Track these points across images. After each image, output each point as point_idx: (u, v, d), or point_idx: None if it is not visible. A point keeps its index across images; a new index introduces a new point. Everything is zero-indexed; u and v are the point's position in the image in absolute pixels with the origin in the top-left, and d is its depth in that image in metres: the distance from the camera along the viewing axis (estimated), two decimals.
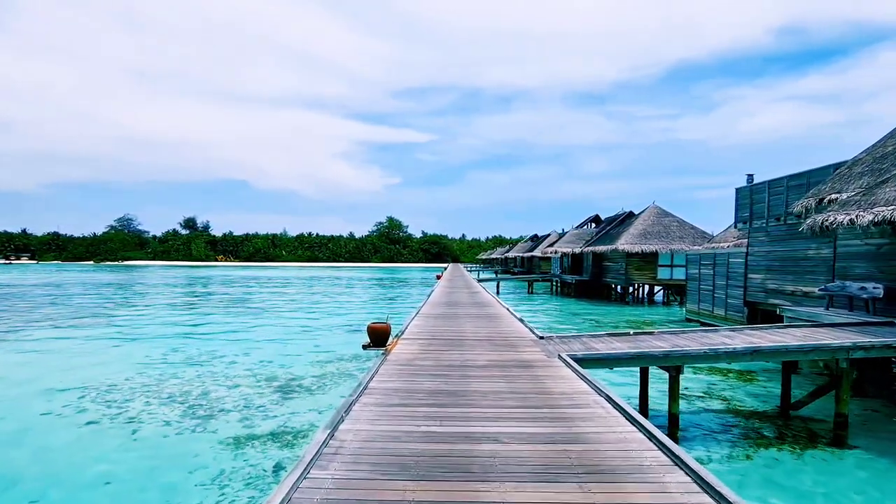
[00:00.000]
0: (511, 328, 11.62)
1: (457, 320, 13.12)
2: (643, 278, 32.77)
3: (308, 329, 21.02)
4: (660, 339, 9.52)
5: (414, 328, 11.46)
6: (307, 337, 18.83)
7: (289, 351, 15.81)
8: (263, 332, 20.33)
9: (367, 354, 12.99)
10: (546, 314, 28.09)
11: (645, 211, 35.13)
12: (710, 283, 21.57)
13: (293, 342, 17.55)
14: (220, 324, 22.61)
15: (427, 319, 13.21)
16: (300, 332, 20.06)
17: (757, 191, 18.41)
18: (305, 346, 16.85)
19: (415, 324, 12.25)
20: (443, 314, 14.59)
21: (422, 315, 14.21)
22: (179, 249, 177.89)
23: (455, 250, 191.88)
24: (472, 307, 17.05)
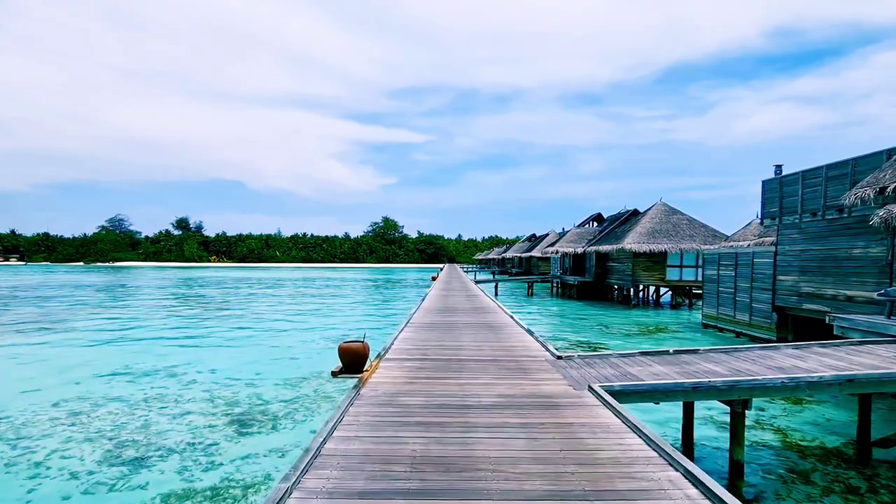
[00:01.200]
0: (519, 343, 9.64)
1: (453, 332, 11.13)
2: (651, 280, 30.88)
3: (288, 338, 19.00)
4: (710, 360, 7.56)
5: (402, 343, 9.46)
6: (285, 348, 16.80)
7: (261, 366, 13.78)
8: (237, 341, 18.29)
9: (339, 386, 11.00)
10: (550, 318, 26.14)
11: (651, 208, 33.25)
12: (731, 285, 19.66)
13: (268, 355, 15.53)
14: (190, 332, 20.54)
15: (418, 331, 11.21)
16: (278, 343, 18.03)
17: (788, 182, 16.51)
18: (281, 359, 14.83)
19: (403, 337, 10.26)
20: (437, 323, 12.60)
21: (413, 325, 12.22)
22: (171, 250, 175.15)
23: (451, 251, 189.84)
24: (471, 314, 15.07)
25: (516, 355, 8.38)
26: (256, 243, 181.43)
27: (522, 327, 11.71)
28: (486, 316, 14.52)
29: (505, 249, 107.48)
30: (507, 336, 10.50)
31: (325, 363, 13.46)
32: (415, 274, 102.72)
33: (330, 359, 13.52)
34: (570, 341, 18.03)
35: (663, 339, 19.07)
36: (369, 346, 7.06)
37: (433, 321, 13.13)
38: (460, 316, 14.56)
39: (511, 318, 13.65)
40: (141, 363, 14.02)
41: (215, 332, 20.56)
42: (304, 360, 14.61)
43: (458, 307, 17.35)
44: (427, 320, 13.33)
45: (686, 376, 6.48)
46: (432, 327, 11.92)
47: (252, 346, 17.19)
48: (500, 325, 12.45)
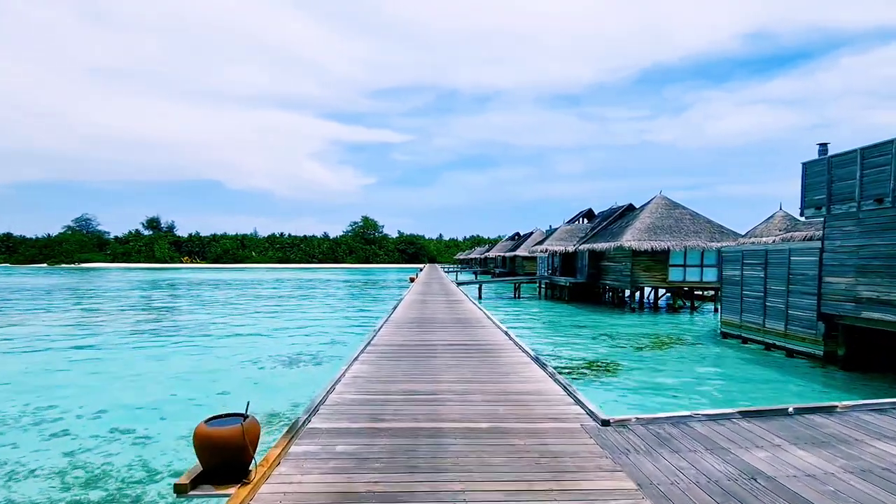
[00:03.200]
0: (532, 387, 6.32)
1: (429, 364, 7.77)
2: (652, 281, 27.95)
3: (214, 361, 15.42)
4: (872, 430, 4.33)
5: (345, 392, 6.07)
6: (199, 381, 13.21)
7: (167, 409, 10.19)
8: (156, 366, 14.66)
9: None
10: (542, 326, 22.96)
11: (650, 202, 30.33)
12: (760, 288, 16.69)
13: (183, 392, 11.93)
14: (102, 353, 16.79)
15: (378, 362, 7.82)
16: (209, 367, 14.46)
17: (840, 163, 13.53)
18: (202, 397, 11.27)
19: (352, 377, 6.86)
20: (408, 348, 9.23)
21: (373, 350, 8.83)
22: (141, 251, 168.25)
23: (432, 250, 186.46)
24: (454, 329, 11.73)
25: (533, 416, 5.06)
26: (231, 243, 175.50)
27: (527, 354, 8.41)
28: (475, 333, 11.19)
29: (487, 249, 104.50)
30: (509, 372, 7.17)
31: (258, 402, 9.94)
32: (394, 274, 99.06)
33: (264, 398, 9.75)
34: (576, 360, 14.83)
35: (686, 355, 16.00)
36: (259, 427, 3.67)
37: (403, 342, 9.75)
38: (440, 332, 11.21)
39: (507, 337, 10.35)
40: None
41: (135, 353, 16.86)
42: (229, 398, 11.07)
43: (436, 318, 14.00)
44: (395, 340, 9.95)
45: (866, 478, 3.22)
46: (400, 354, 8.54)
47: (171, 377, 13.57)
48: (494, 348, 9.13)
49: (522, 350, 8.69)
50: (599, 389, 11.07)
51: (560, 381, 6.31)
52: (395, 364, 7.65)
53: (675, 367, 14.14)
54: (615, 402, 10.00)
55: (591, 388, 11.17)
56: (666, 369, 13.64)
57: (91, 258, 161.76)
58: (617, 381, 11.80)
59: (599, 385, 11.51)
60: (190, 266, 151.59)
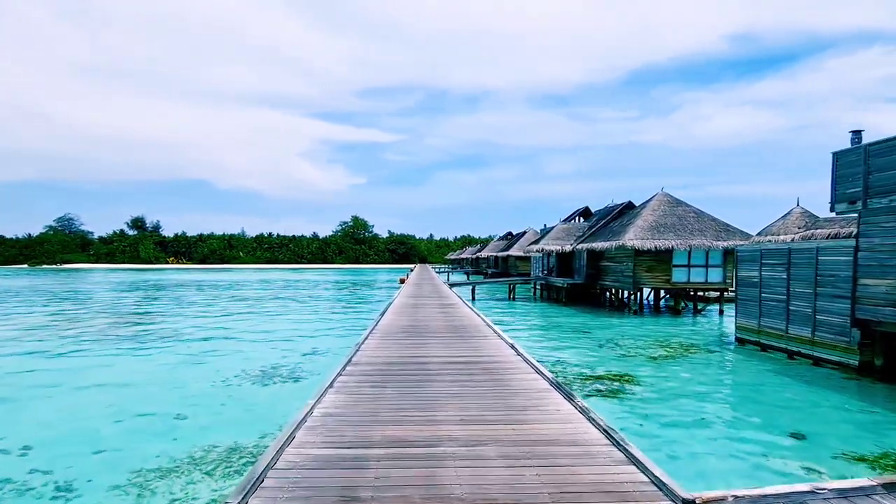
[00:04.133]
0: (557, 428, 4.77)
1: (423, 389, 6.20)
2: (655, 282, 26.57)
3: (184, 376, 13.75)
4: None
5: (314, 435, 4.48)
6: (169, 399, 11.53)
7: (104, 442, 8.51)
8: (104, 379, 12.93)
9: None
10: (543, 331, 21.47)
11: (652, 200, 28.97)
12: (782, 290, 15.30)
13: (126, 417, 10.24)
14: (46, 363, 15.02)
15: (360, 388, 6.23)
16: (168, 383, 12.77)
17: (880, 152, 12.14)
18: (149, 426, 9.59)
19: (327, 408, 5.27)
20: (396, 365, 7.64)
21: (354, 370, 7.23)
22: (125, 251, 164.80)
23: (423, 250, 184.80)
24: (450, 340, 10.16)
25: (575, 487, 3.49)
26: (218, 243, 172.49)
27: (544, 376, 6.87)
28: (475, 346, 9.62)
29: (479, 249, 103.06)
30: (526, 405, 5.61)
31: (222, 433, 8.28)
32: (385, 275, 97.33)
33: (230, 429, 7.55)
34: (585, 371, 13.33)
35: (704, 366, 14.56)
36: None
37: (391, 359, 8.15)
38: (434, 345, 9.63)
39: (514, 351, 8.80)
40: None
41: (73, 359, 15.10)
42: (156, 430, 9.40)
43: (430, 326, 12.42)
44: (381, 357, 8.36)
45: None
46: (386, 376, 6.95)
47: (102, 391, 11.87)
48: (501, 367, 7.57)
49: (536, 371, 7.13)
50: (619, 411, 9.55)
51: (600, 424, 4.74)
52: (378, 392, 6.06)
53: (696, 381, 12.67)
54: (641, 428, 8.48)
55: (609, 408, 9.66)
56: (687, 384, 12.17)
57: (74, 259, 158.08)
58: (636, 401, 10.29)
59: (618, 404, 10.00)
60: (175, 267, 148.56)
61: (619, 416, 9.13)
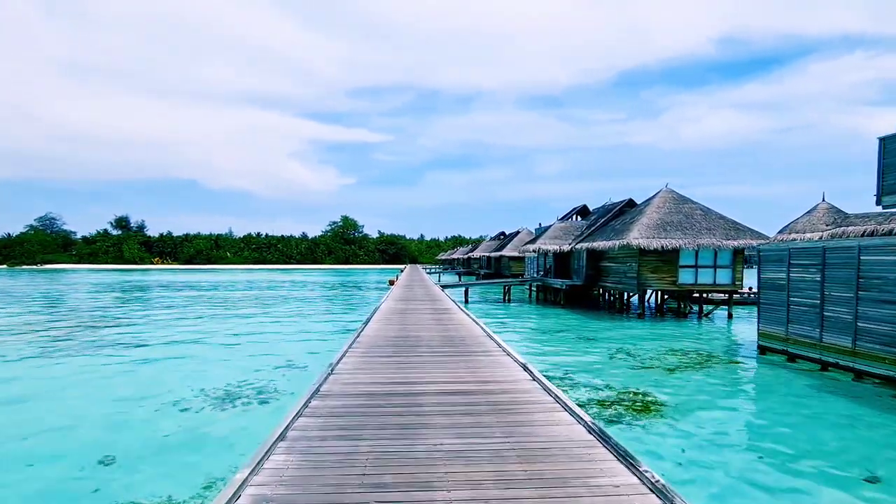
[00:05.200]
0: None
1: (412, 444, 4.40)
2: (661, 283, 24.97)
3: (138, 393, 11.86)
4: None
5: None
6: (111, 422, 9.65)
7: (22, 485, 6.62)
8: (48, 392, 11.00)
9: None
10: (544, 338, 19.74)
11: (657, 196, 27.37)
12: (815, 294, 13.69)
13: (56, 444, 8.34)
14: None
15: (322, 444, 4.39)
16: (120, 400, 10.88)
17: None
18: (80, 461, 7.71)
19: (262, 492, 3.42)
20: (377, 399, 5.82)
21: (319, 407, 5.39)
22: (109, 251, 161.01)
23: (413, 251, 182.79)
24: (447, 356, 8.36)
25: None
26: (205, 243, 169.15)
27: (578, 418, 5.07)
28: (478, 366, 7.83)
29: (471, 249, 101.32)
30: (567, 476, 3.78)
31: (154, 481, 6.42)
32: (375, 276, 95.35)
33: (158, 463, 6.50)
34: (599, 389, 11.61)
35: (730, 380, 12.91)
36: None
37: (370, 389, 6.33)
38: (427, 365, 7.83)
39: (528, 375, 7.01)
40: None
41: (12, 369, 13.13)
42: (82, 469, 7.52)
43: (421, 338, 10.61)
44: (359, 385, 6.54)
45: None
46: (363, 419, 5.12)
47: (38, 412, 9.95)
48: (517, 403, 5.77)
49: (564, 407, 5.33)
50: (647, 440, 7.84)
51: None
52: (349, 451, 4.24)
53: (725, 399, 11.00)
54: (681, 469, 6.76)
55: (635, 437, 7.94)
56: (716, 404, 10.49)
57: (55, 259, 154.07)
58: (666, 431, 8.57)
59: (644, 433, 8.28)
60: (160, 267, 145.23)
61: (651, 453, 7.39)
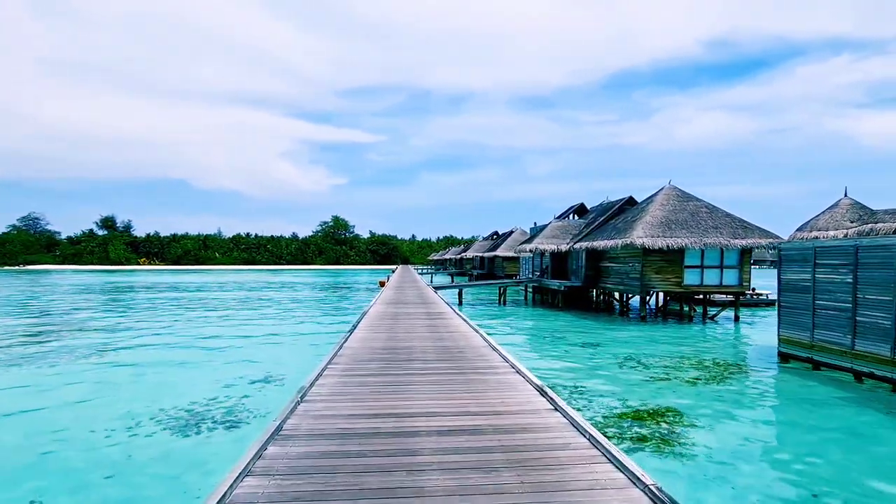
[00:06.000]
0: None
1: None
2: (665, 284, 23.75)
3: (91, 413, 10.39)
4: None
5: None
6: (49, 450, 8.18)
7: None
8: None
9: None
10: (546, 345, 18.43)
11: (660, 193, 26.17)
12: (846, 297, 12.48)
13: None
14: None
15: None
16: (53, 433, 9.41)
17: None
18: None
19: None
20: (358, 440, 4.40)
21: (275, 462, 3.96)
22: (94, 252, 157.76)
23: (405, 251, 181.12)
24: (444, 373, 6.98)
25: None
26: (193, 244, 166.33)
27: (625, 469, 3.69)
28: (484, 388, 6.46)
29: (463, 249, 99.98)
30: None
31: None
32: (366, 276, 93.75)
33: None
34: (615, 405, 10.30)
35: (757, 392, 11.65)
36: None
37: (347, 427, 4.93)
38: (421, 385, 6.46)
39: (547, 402, 5.66)
40: None
41: None
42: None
43: (414, 348, 9.22)
44: (335, 416, 5.15)
45: None
46: (335, 479, 3.72)
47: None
48: (538, 446, 4.42)
49: (616, 463, 3.97)
50: (682, 472, 6.52)
51: None
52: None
53: (755, 414, 9.73)
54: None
55: (669, 468, 6.63)
56: (746, 422, 9.21)
57: (38, 259, 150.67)
58: (701, 457, 7.27)
59: (674, 461, 6.98)
60: (146, 268, 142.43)
61: (672, 471, 6.08)
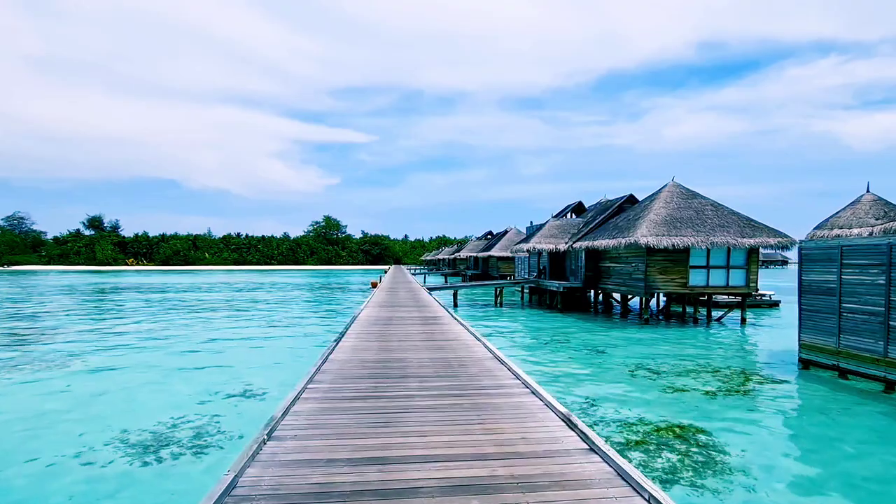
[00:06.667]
0: None
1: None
2: (670, 285, 22.76)
3: (28, 445, 9.15)
4: None
5: None
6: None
7: None
8: None
9: None
10: (548, 352, 17.33)
11: (663, 190, 25.19)
12: (877, 300, 11.49)
13: None
14: None
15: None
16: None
17: None
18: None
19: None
20: (343, 492, 3.27)
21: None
22: (80, 252, 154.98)
23: (397, 251, 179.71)
24: (447, 401, 5.82)
25: None
26: (182, 244, 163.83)
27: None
28: (497, 417, 5.33)
29: (456, 249, 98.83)
30: None
31: None
32: (358, 277, 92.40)
33: None
34: (634, 426, 9.23)
35: (782, 404, 10.62)
36: None
37: (324, 482, 3.77)
38: (419, 422, 5.31)
39: (581, 439, 4.52)
40: None
41: None
42: None
43: (408, 362, 8.07)
44: (313, 462, 3.99)
45: None
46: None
47: None
48: (578, 501, 3.27)
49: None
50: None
51: None
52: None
53: (790, 433, 8.69)
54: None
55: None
56: (783, 441, 8.18)
57: (23, 260, 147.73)
58: (741, 490, 6.20)
59: (717, 500, 5.90)
60: (133, 269, 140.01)
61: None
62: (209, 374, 13.09)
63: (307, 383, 6.58)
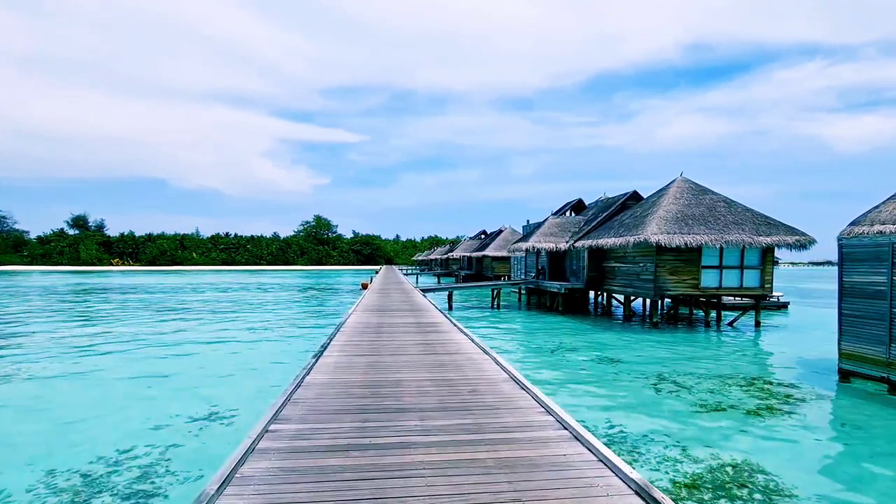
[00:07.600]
0: None
1: None
2: (681, 286, 21.29)
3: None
4: None
5: None
6: None
7: None
8: None
9: None
10: (555, 361, 15.76)
11: (672, 186, 23.73)
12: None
13: None
14: None
15: None
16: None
17: None
18: None
19: None
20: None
21: None
22: (64, 252, 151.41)
23: (389, 251, 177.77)
24: (465, 456, 4.14)
25: None
26: (169, 244, 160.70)
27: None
28: (535, 482, 3.67)
29: (449, 249, 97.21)
30: None
31: None
32: (349, 277, 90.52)
33: None
34: (681, 464, 7.69)
35: (835, 428, 9.13)
36: None
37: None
38: (426, 483, 3.65)
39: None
40: None
41: None
42: None
43: (405, 389, 6.48)
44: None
45: None
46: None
47: None
48: None
49: None
50: None
51: None
52: None
53: (850, 462, 7.16)
54: None
55: None
56: (849, 479, 6.65)
57: (4, 260, 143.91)
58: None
59: None
60: (118, 269, 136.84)
61: None
62: (172, 389, 11.36)
63: (269, 423, 4.93)
